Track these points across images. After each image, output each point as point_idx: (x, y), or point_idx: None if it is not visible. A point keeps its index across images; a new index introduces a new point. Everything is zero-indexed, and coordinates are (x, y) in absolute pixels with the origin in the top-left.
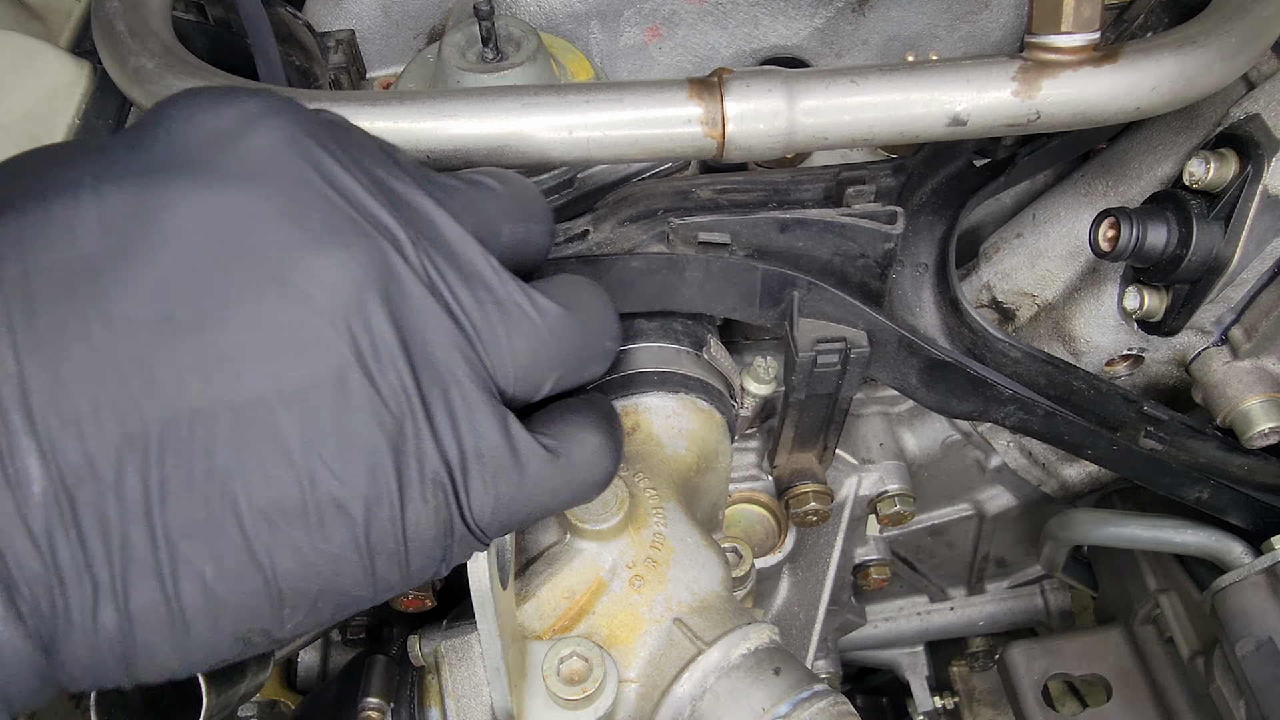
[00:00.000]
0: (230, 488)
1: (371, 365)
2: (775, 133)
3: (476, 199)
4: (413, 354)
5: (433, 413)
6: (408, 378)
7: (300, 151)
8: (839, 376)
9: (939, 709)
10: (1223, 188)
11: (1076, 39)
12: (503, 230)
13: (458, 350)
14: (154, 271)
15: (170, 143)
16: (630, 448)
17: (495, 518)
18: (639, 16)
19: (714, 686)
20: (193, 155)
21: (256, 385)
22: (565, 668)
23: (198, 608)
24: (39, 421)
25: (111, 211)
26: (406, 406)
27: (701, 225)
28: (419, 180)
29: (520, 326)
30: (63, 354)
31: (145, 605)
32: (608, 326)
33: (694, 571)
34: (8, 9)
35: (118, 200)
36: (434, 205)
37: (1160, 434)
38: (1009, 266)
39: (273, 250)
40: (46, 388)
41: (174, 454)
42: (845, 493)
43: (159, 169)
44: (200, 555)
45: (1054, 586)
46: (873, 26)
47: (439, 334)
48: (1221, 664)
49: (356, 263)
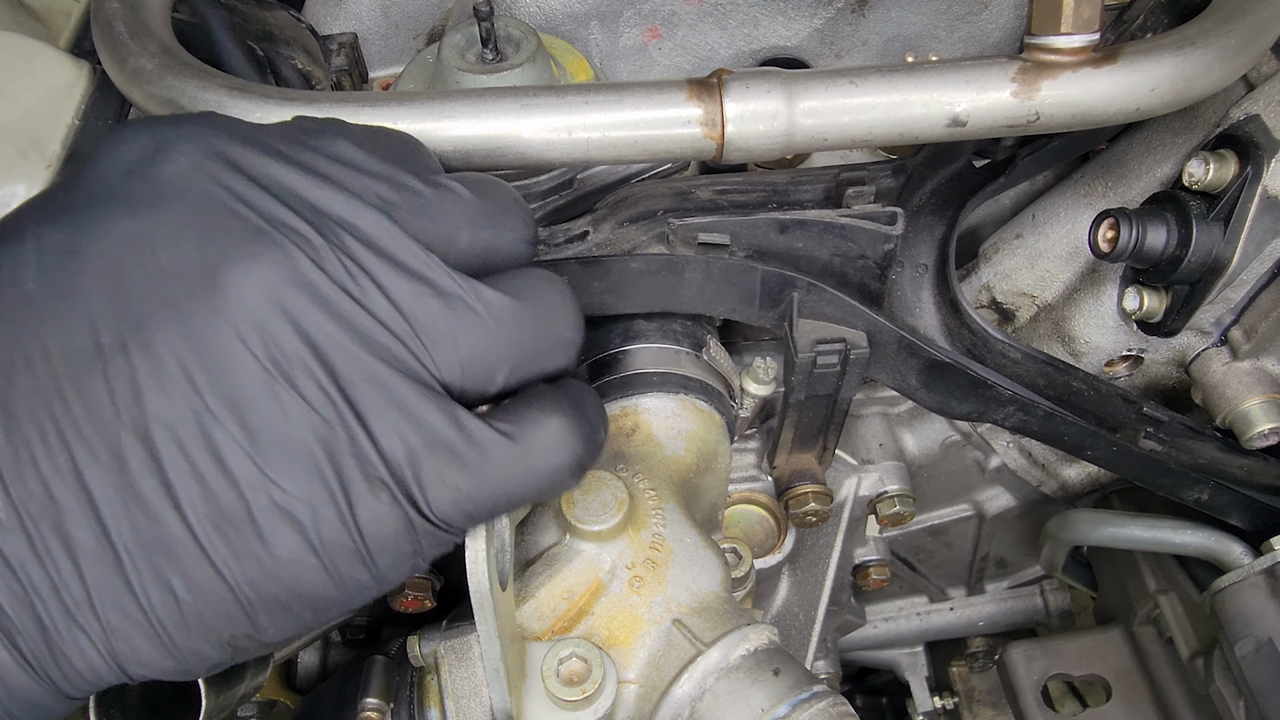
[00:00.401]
0: (177, 501)
1: (291, 370)
2: (775, 134)
3: (434, 202)
4: (330, 356)
5: (364, 411)
6: (326, 379)
7: (208, 171)
8: (838, 377)
9: (938, 709)
10: (1222, 188)
11: (1076, 40)
12: (460, 235)
13: (387, 347)
14: (83, 302)
15: (98, 177)
16: (629, 448)
17: (458, 509)
18: (638, 17)
19: (713, 687)
20: (114, 187)
21: (186, 400)
22: (564, 669)
23: (174, 617)
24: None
25: (47, 250)
26: (332, 407)
27: (701, 226)
28: (356, 184)
29: (464, 319)
30: (10, 387)
31: (123, 618)
32: (565, 317)
33: (693, 572)
34: (7, 9)
35: (52, 239)
36: (360, 207)
37: (1160, 435)
38: (1008, 267)
39: (186, 269)
40: (0, 421)
41: (119, 474)
42: (845, 493)
43: (87, 204)
44: (165, 568)
45: (1053, 587)
46: (872, 27)
47: (361, 333)
48: (1221, 665)
49: (265, 271)
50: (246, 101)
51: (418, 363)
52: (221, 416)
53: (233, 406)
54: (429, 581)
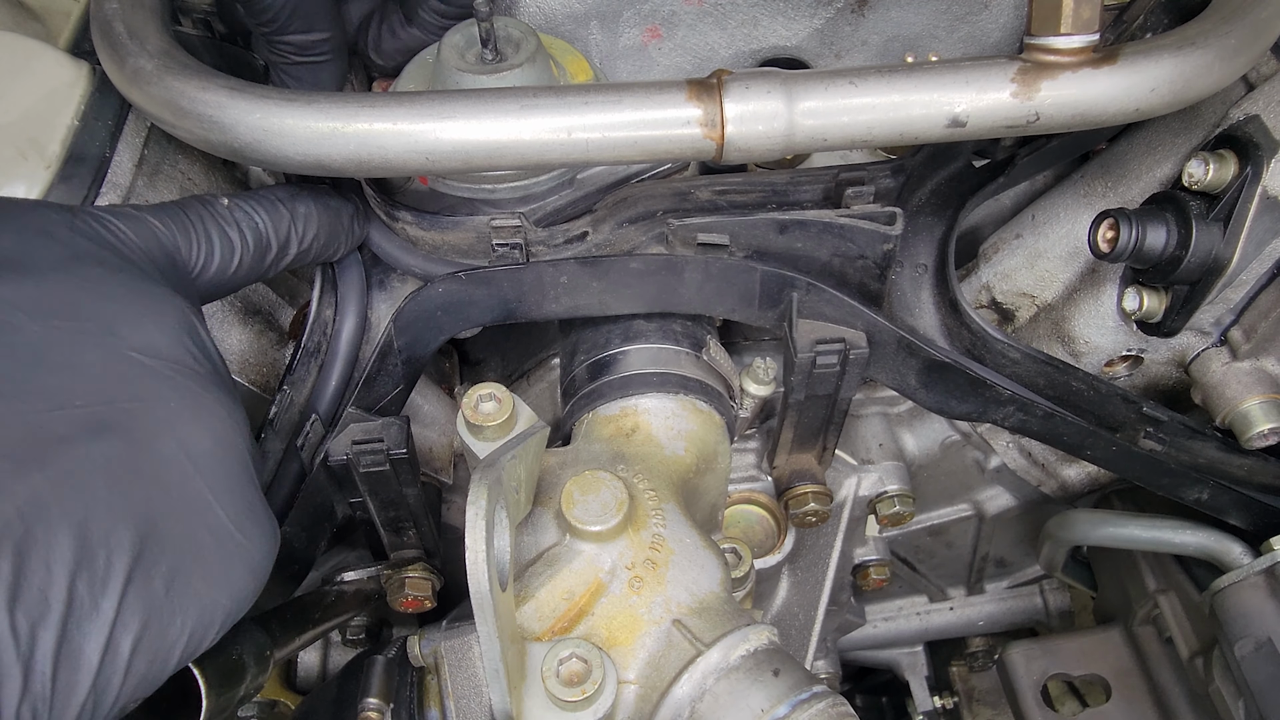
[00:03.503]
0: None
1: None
2: (774, 134)
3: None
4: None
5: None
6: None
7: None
8: (838, 377)
9: (938, 709)
10: (1222, 189)
11: (1076, 40)
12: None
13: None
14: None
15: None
16: (629, 449)
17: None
18: (638, 17)
19: (713, 688)
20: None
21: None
22: (564, 669)
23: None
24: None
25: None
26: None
27: (700, 226)
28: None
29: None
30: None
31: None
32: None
33: (693, 573)
34: (6, 9)
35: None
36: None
37: (1159, 435)
38: (1008, 267)
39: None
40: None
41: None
42: (844, 493)
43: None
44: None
45: (1053, 586)
46: (872, 27)
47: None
48: (1220, 664)
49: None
50: (246, 102)
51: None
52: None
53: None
54: (429, 582)
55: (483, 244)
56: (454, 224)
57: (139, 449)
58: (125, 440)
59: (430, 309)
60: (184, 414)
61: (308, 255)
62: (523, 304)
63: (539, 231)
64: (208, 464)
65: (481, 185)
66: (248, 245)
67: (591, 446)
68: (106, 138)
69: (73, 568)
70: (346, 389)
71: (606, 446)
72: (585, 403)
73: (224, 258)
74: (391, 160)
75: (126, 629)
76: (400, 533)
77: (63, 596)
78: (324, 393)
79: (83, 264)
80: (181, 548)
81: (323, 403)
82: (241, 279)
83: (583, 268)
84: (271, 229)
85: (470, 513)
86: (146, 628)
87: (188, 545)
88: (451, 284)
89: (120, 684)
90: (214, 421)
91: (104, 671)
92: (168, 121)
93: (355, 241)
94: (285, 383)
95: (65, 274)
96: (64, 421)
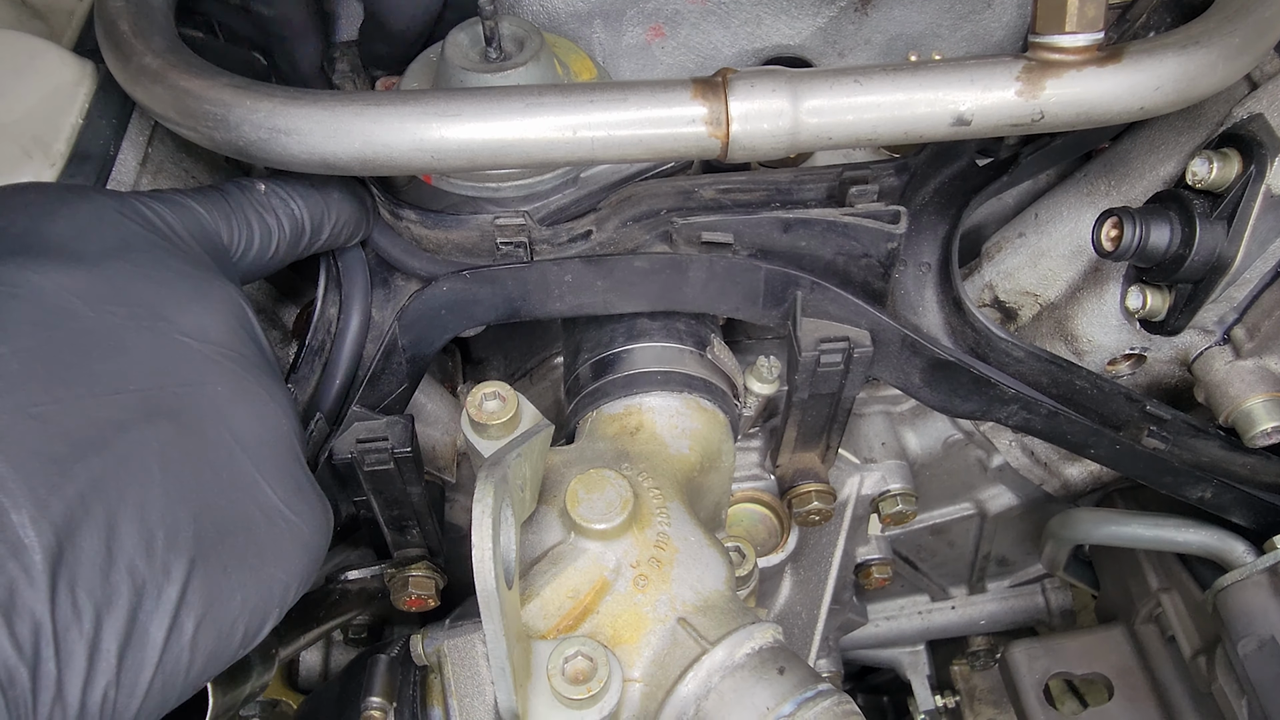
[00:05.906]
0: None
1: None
2: (779, 132)
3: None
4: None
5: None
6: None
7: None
8: (842, 376)
9: (940, 708)
10: (1225, 187)
11: (1080, 39)
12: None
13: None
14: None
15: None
16: (634, 447)
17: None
18: (642, 16)
19: (718, 686)
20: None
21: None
22: (570, 667)
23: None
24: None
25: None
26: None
27: (705, 225)
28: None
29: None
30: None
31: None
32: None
33: (698, 571)
34: (10, 8)
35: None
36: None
37: (1163, 433)
38: (1011, 266)
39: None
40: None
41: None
42: (847, 492)
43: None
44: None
45: (1055, 585)
46: (875, 26)
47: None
48: (1223, 663)
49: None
50: (252, 100)
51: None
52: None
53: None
54: (432, 580)
55: (487, 242)
56: (458, 222)
57: (189, 432)
58: (176, 423)
59: (435, 307)
60: (232, 398)
61: (338, 239)
62: (527, 302)
63: (543, 230)
64: (255, 446)
65: (486, 184)
66: (284, 230)
67: (596, 445)
68: (111, 136)
69: (133, 549)
70: (350, 387)
71: (611, 445)
72: (589, 401)
73: (263, 242)
74: (397, 158)
75: (190, 608)
76: (403, 531)
77: (125, 578)
78: (328, 391)
79: (133, 250)
80: (235, 527)
81: (327, 401)
82: (278, 262)
83: (587, 266)
84: (307, 214)
85: (476, 510)
86: (209, 606)
87: (240, 525)
88: (456, 282)
89: (188, 662)
90: (261, 405)
91: (170, 650)
92: (172, 120)
93: (368, 230)
94: (289, 381)
95: (117, 260)
96: (119, 406)
